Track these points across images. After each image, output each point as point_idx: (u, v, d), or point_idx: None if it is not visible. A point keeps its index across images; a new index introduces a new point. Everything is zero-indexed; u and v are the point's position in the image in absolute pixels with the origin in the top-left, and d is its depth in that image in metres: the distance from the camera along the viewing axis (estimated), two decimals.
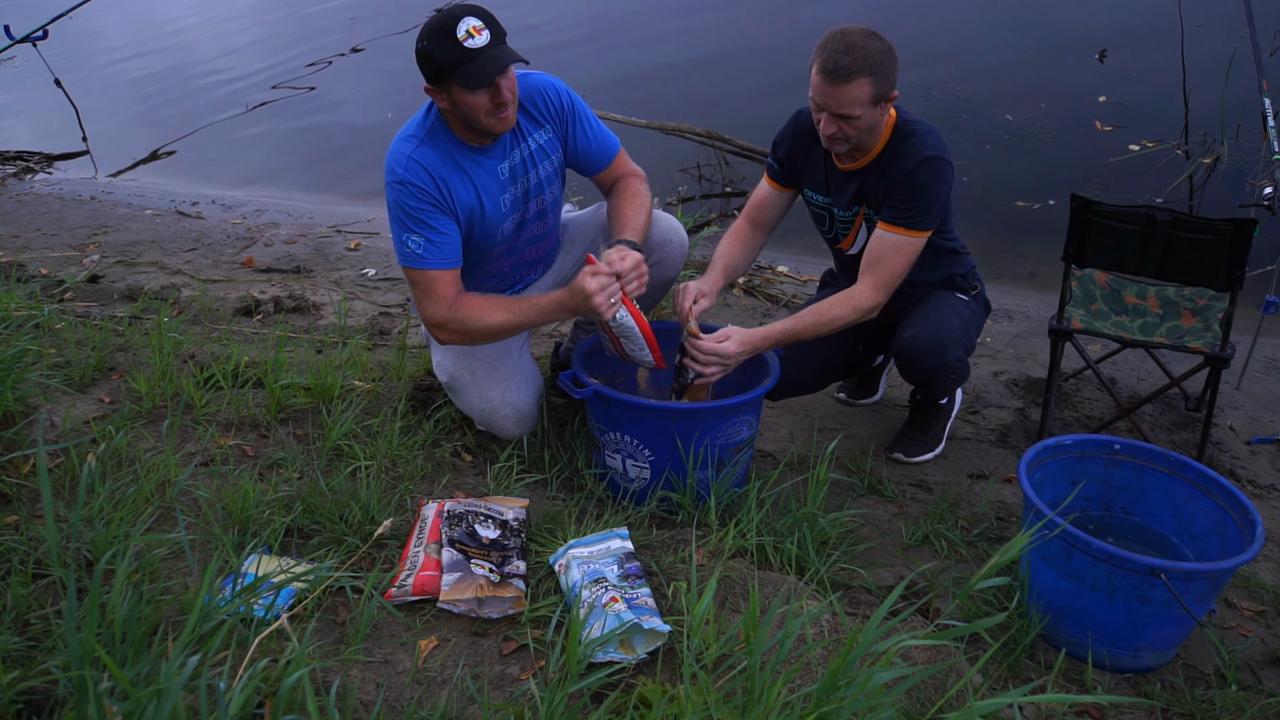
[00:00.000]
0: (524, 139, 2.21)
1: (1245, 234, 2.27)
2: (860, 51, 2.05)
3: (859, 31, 2.09)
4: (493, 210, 2.19)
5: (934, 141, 2.21)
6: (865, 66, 2.06)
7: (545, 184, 2.26)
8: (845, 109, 2.09)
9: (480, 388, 2.29)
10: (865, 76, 2.06)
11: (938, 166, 2.19)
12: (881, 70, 2.08)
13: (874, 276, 2.23)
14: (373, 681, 1.54)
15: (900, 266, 2.23)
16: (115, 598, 1.41)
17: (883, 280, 2.23)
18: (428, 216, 2.08)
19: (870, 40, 2.08)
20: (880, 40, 2.10)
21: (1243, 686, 1.84)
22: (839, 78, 2.06)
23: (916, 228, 2.21)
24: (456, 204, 2.12)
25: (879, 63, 2.07)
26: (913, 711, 1.52)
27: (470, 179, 2.13)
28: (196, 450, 2.17)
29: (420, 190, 2.07)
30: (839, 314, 2.22)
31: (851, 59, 2.04)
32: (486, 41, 1.96)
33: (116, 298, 3.52)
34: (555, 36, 7.53)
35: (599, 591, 1.66)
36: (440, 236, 2.09)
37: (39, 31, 6.55)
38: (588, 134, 2.27)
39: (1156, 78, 5.17)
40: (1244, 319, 2.65)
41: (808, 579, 1.88)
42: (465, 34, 1.95)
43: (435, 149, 2.09)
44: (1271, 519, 2.41)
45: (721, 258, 2.44)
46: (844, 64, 2.05)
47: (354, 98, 6.96)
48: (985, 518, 2.31)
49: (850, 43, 2.06)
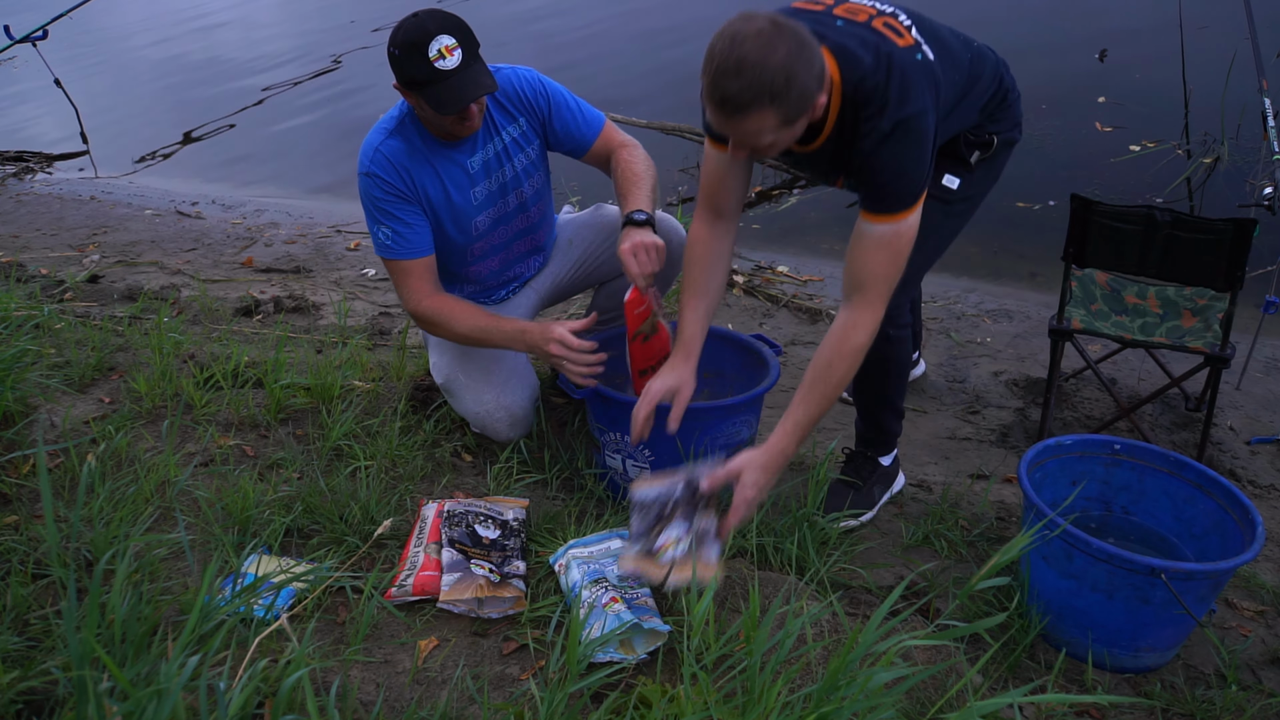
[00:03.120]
0: (498, 133, 2.20)
1: (1245, 234, 2.27)
2: (753, 73, 1.53)
3: (754, 36, 1.54)
4: (462, 203, 2.19)
5: (896, 98, 1.70)
6: (762, 94, 1.55)
7: (523, 176, 2.26)
8: (751, 140, 1.67)
9: (475, 391, 2.29)
10: (764, 106, 1.57)
11: (907, 134, 1.71)
12: (787, 92, 1.56)
13: (863, 294, 1.80)
14: (373, 681, 1.54)
15: (894, 269, 1.80)
16: (115, 598, 1.41)
17: (877, 295, 1.80)
18: (393, 208, 2.11)
19: (769, 50, 1.54)
20: (786, 41, 1.56)
21: (1243, 687, 1.84)
22: (730, 110, 1.59)
23: (904, 208, 1.77)
24: (423, 196, 2.14)
25: (782, 84, 1.55)
26: (913, 712, 1.52)
27: (437, 172, 2.15)
28: (196, 450, 2.17)
29: (385, 182, 2.09)
30: (845, 369, 1.82)
31: (742, 85, 1.54)
32: (458, 63, 1.93)
33: (116, 298, 3.52)
34: (560, 37, 7.54)
35: (599, 592, 1.66)
36: (407, 228, 2.12)
37: (39, 31, 6.55)
38: (567, 116, 2.25)
39: (1157, 78, 5.17)
40: (1244, 319, 2.65)
41: (808, 579, 1.88)
42: (437, 54, 1.92)
43: (403, 141, 2.11)
44: (1271, 519, 2.41)
45: (690, 299, 1.99)
46: (733, 93, 1.56)
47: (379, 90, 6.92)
48: (985, 518, 2.31)
49: (740, 59, 1.53)
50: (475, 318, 2.15)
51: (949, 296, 3.62)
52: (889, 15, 1.82)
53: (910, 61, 1.74)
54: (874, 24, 1.78)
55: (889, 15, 1.82)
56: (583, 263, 2.52)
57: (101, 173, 6.23)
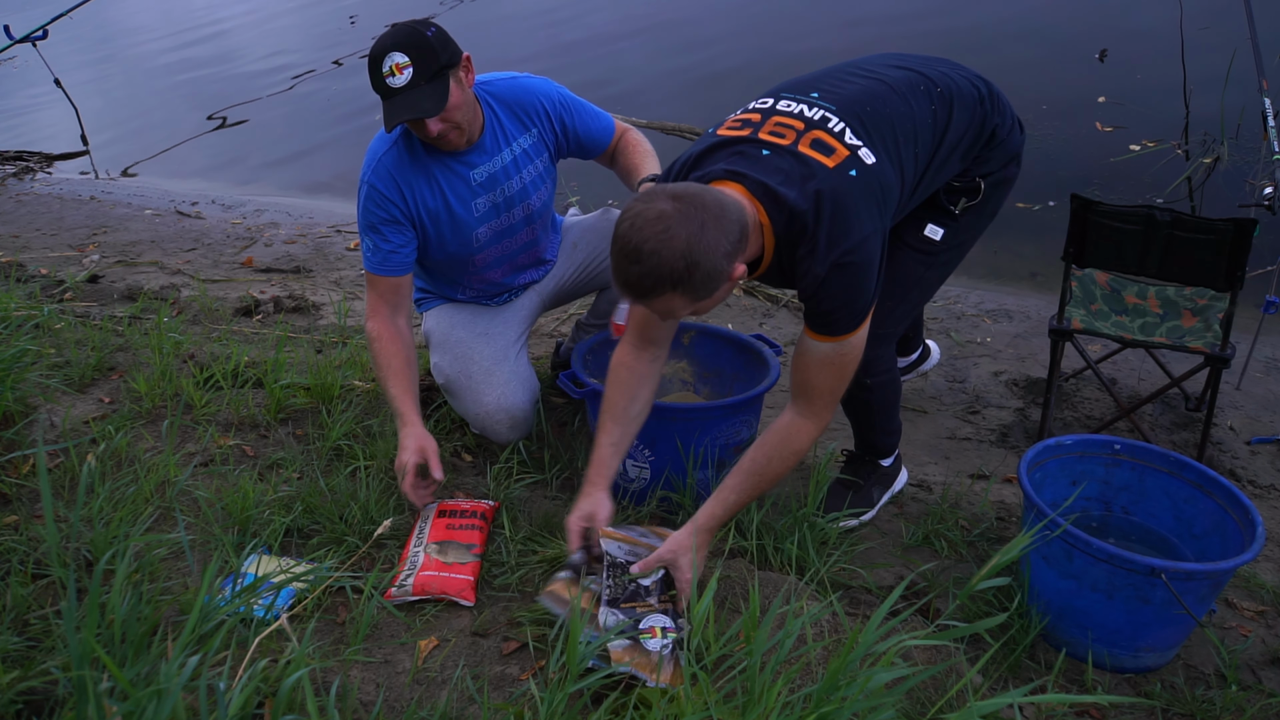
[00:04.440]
0: (508, 143, 2.20)
1: (1245, 234, 2.27)
2: (652, 260, 1.47)
3: (654, 221, 1.47)
4: (464, 214, 2.19)
5: (827, 240, 1.61)
6: (663, 281, 1.49)
7: (531, 189, 2.26)
8: (666, 315, 1.62)
9: (475, 393, 2.28)
10: (666, 291, 1.51)
11: (844, 271, 1.62)
12: (689, 277, 1.49)
13: (808, 404, 1.75)
14: (373, 681, 1.54)
15: (840, 382, 1.75)
16: (115, 598, 1.41)
17: (823, 404, 1.76)
18: (380, 224, 2.12)
19: (668, 236, 1.46)
20: (686, 224, 1.47)
21: (1243, 687, 1.84)
22: (635, 295, 1.54)
23: (849, 330, 1.69)
24: (421, 207, 2.14)
25: (682, 270, 1.48)
26: (913, 712, 1.52)
27: (437, 181, 2.14)
28: (196, 450, 2.17)
29: (381, 197, 2.10)
30: (782, 468, 1.78)
31: (642, 271, 1.49)
32: (406, 81, 1.92)
33: (116, 298, 3.52)
34: (563, 37, 7.54)
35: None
36: (387, 244, 2.13)
37: (39, 31, 6.55)
38: (582, 121, 2.28)
39: (1157, 78, 5.17)
40: (1244, 319, 2.65)
41: (808, 579, 1.88)
42: (389, 70, 1.92)
43: (405, 151, 2.11)
44: (1271, 519, 2.41)
45: (606, 423, 1.88)
46: (634, 279, 1.51)
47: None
48: (985, 518, 2.31)
49: (638, 248, 1.47)
50: (388, 373, 2.11)
51: (949, 296, 3.62)
52: (818, 126, 1.70)
53: (842, 186, 1.63)
54: (799, 147, 1.67)
55: (818, 126, 1.70)
56: (586, 267, 2.52)
57: (101, 173, 6.23)
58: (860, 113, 1.74)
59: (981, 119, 1.92)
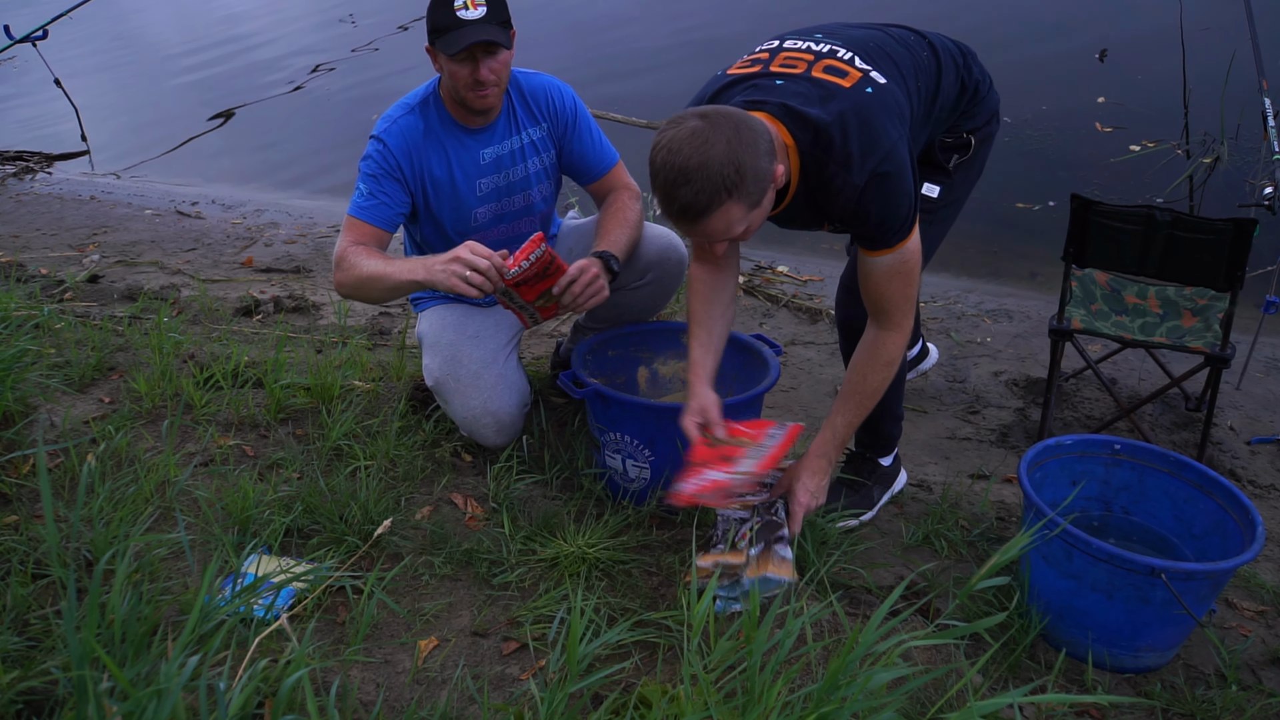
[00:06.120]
0: (519, 131, 2.25)
1: (1245, 234, 2.27)
2: (701, 175, 1.49)
3: (689, 138, 1.50)
4: (466, 189, 2.23)
5: (860, 149, 1.64)
6: (718, 190, 1.51)
7: (533, 180, 2.29)
8: (724, 235, 1.62)
9: (463, 395, 2.27)
10: (724, 201, 1.53)
11: (884, 179, 1.67)
12: (741, 180, 1.52)
13: (888, 318, 1.83)
14: (373, 681, 1.54)
15: (911, 288, 1.82)
16: (115, 598, 1.41)
17: (901, 314, 1.83)
18: (381, 175, 2.16)
19: (708, 146, 1.49)
20: (721, 131, 1.51)
21: (1243, 686, 1.84)
22: (693, 217, 1.55)
23: (902, 238, 1.76)
24: (426, 175, 2.18)
25: (733, 174, 1.50)
26: (913, 712, 1.52)
27: (447, 153, 2.19)
28: (196, 450, 2.17)
29: (388, 152, 2.15)
30: (879, 380, 1.88)
31: (695, 189, 1.50)
32: (479, 16, 2.01)
33: (116, 298, 3.52)
34: (567, 36, 7.55)
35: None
36: (384, 196, 2.16)
37: (39, 31, 6.54)
38: (585, 141, 2.32)
39: (1157, 78, 5.17)
40: (1244, 319, 2.65)
41: (808, 579, 1.88)
42: (462, 3, 2.00)
43: (421, 120, 2.17)
44: (1272, 519, 2.41)
45: (693, 329, 1.98)
46: (689, 200, 1.52)
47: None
48: (985, 518, 2.31)
49: (684, 166, 1.49)
50: (378, 259, 2.11)
51: (949, 296, 3.62)
52: (827, 56, 1.76)
53: (862, 100, 1.68)
54: (813, 73, 1.73)
55: (827, 56, 1.76)
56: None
57: (102, 172, 6.23)
58: (866, 47, 1.82)
59: (965, 73, 2.03)
